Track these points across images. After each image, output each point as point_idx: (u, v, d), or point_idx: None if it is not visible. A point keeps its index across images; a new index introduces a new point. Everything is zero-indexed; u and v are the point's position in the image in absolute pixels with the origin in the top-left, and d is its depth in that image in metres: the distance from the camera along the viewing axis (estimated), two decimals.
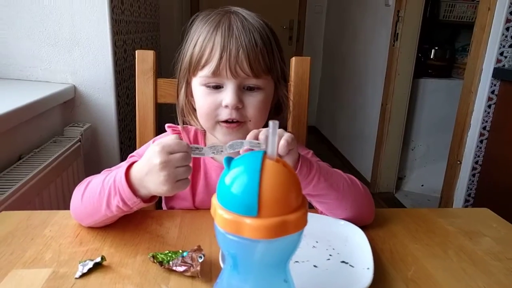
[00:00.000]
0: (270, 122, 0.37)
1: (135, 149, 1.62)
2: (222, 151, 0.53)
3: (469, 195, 1.86)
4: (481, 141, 1.77)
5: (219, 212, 0.37)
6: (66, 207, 1.06)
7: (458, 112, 1.89)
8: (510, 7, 1.61)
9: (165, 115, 0.97)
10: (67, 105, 1.35)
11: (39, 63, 1.32)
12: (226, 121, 0.65)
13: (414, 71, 2.50)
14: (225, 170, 0.39)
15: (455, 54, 2.76)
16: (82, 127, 1.29)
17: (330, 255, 0.57)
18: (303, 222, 0.37)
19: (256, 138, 0.56)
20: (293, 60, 0.93)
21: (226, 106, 0.63)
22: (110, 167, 1.10)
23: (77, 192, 0.63)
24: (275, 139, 0.37)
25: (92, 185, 0.61)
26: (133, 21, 1.67)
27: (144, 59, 0.90)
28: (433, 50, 2.70)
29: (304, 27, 3.92)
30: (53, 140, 1.20)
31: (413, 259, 0.58)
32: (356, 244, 0.59)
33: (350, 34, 3.22)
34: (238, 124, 0.65)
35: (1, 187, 0.87)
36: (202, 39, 0.64)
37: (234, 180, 0.37)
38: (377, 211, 0.69)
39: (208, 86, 0.64)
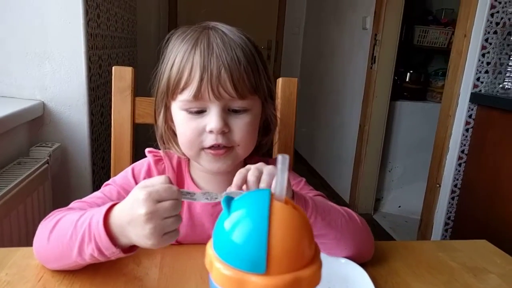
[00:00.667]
0: (279, 157, 0.31)
1: (109, 172, 1.51)
2: (216, 198, 0.47)
3: (448, 218, 1.86)
4: (460, 165, 1.79)
5: (217, 266, 0.31)
6: (29, 238, 0.95)
7: (436, 135, 1.90)
8: (485, 34, 1.66)
9: (141, 135, 0.90)
10: (35, 123, 1.24)
11: (4, 77, 1.22)
12: (212, 147, 0.59)
13: (391, 93, 2.54)
14: (224, 213, 0.33)
15: (429, 78, 2.83)
16: (51, 147, 1.19)
17: None
18: (317, 278, 0.31)
19: (244, 179, 0.49)
20: (280, 81, 0.89)
21: (211, 131, 0.57)
22: (81, 194, 1.00)
23: (43, 229, 0.54)
24: (285, 176, 0.32)
25: (62, 225, 0.52)
26: (110, 36, 1.60)
27: (122, 76, 0.83)
28: (408, 74, 2.76)
29: (282, 48, 3.95)
30: (18, 161, 1.10)
31: None
32: (358, 285, 0.54)
33: (327, 55, 3.25)
34: (225, 150, 0.59)
35: None
36: (179, 60, 0.57)
37: (236, 227, 0.31)
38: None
39: (190, 112, 0.58)
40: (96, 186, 1.43)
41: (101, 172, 1.51)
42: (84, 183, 1.35)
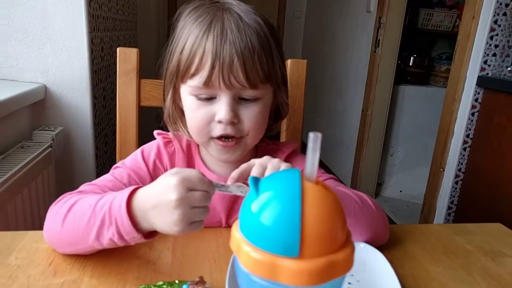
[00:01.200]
0: (311, 134, 0.30)
1: (112, 156, 1.51)
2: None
3: (451, 202, 1.86)
4: (464, 149, 1.78)
5: (245, 249, 0.29)
6: (35, 222, 0.94)
7: (441, 119, 1.89)
8: (494, 16, 1.62)
9: (145, 117, 0.88)
10: (37, 107, 1.22)
11: (4, 59, 1.18)
12: (220, 136, 0.57)
13: (394, 77, 2.51)
14: (252, 193, 0.31)
15: (432, 62, 2.80)
16: (54, 131, 1.17)
17: (349, 283, 0.51)
18: (351, 262, 0.30)
19: (245, 175, 0.49)
20: (288, 62, 0.87)
21: (220, 122, 0.56)
22: (84, 178, 0.99)
23: (56, 213, 0.52)
24: (317, 156, 0.30)
25: (78, 208, 0.50)
26: (111, 18, 1.56)
27: (127, 58, 0.81)
28: (412, 58, 2.72)
29: (283, 32, 3.89)
30: (21, 145, 1.08)
31: (439, 285, 0.52)
32: (377, 270, 0.53)
33: (330, 39, 3.21)
34: (235, 142, 0.58)
35: None
36: (191, 43, 0.55)
37: (267, 208, 0.29)
38: None
39: (199, 98, 0.56)
40: (100, 170, 1.42)
41: (104, 156, 1.50)
42: (88, 167, 1.33)
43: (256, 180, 0.31)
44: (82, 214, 0.48)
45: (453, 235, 0.66)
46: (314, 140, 0.29)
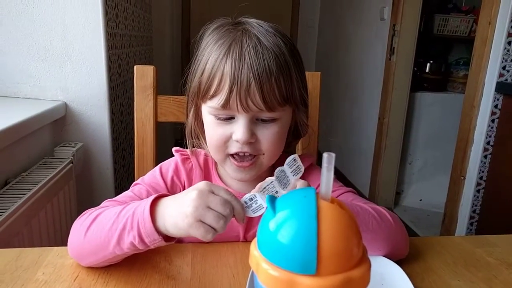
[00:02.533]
0: (325, 155, 0.30)
1: (129, 170, 1.54)
2: (277, 192, 0.48)
3: (474, 211, 1.81)
4: (485, 156, 1.74)
5: (264, 266, 0.30)
6: (57, 236, 0.97)
7: (460, 126, 1.85)
8: (511, 21, 1.60)
9: (161, 132, 0.90)
10: (58, 124, 1.26)
11: (27, 79, 1.23)
12: (237, 154, 0.59)
13: (410, 84, 2.49)
14: (269, 212, 0.32)
15: (449, 68, 2.76)
16: (74, 147, 1.21)
17: None
18: (368, 279, 0.30)
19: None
20: None
21: (237, 141, 0.57)
22: (104, 192, 1.01)
23: (80, 226, 0.54)
24: (331, 175, 0.31)
25: (103, 218, 0.52)
26: (128, 35, 1.60)
27: (144, 75, 0.84)
28: (428, 64, 2.69)
29: (297, 41, 3.91)
30: (43, 161, 1.12)
31: None
32: (396, 284, 0.52)
33: (344, 48, 3.21)
34: (250, 163, 0.59)
35: None
36: (210, 65, 0.57)
37: (284, 227, 0.30)
38: None
39: (218, 118, 0.58)
40: (118, 184, 1.45)
41: (122, 170, 1.53)
42: (107, 182, 1.36)
43: (273, 199, 0.32)
44: (106, 221, 0.51)
45: (474, 248, 0.65)
46: (328, 160, 0.30)
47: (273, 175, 0.53)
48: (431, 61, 2.70)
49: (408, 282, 0.52)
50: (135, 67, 0.82)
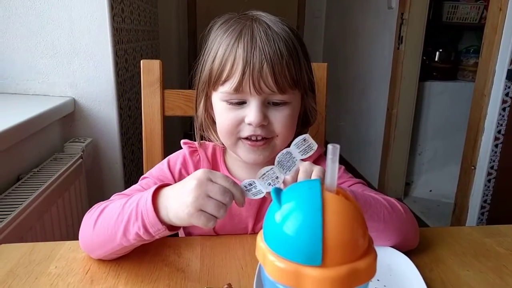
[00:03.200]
0: (329, 146, 0.30)
1: (138, 164, 1.55)
2: (277, 177, 0.47)
3: (485, 201, 1.79)
4: (496, 146, 1.72)
5: (271, 258, 0.30)
6: (69, 230, 0.99)
7: (470, 116, 1.83)
8: None
9: (168, 126, 0.91)
10: (67, 120, 1.27)
11: (36, 75, 1.25)
12: (249, 138, 0.59)
13: (419, 74, 2.46)
14: (274, 204, 0.32)
15: (459, 56, 2.71)
16: (83, 142, 1.22)
17: None
18: (373, 270, 0.30)
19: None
20: None
21: (250, 124, 0.57)
22: (113, 187, 1.02)
23: (88, 220, 0.55)
24: (336, 167, 0.31)
25: (109, 210, 0.53)
26: (134, 30, 1.60)
27: (150, 70, 0.84)
28: (437, 53, 2.65)
29: (303, 32, 3.88)
30: (53, 157, 1.13)
31: None
32: (404, 274, 0.52)
33: (351, 38, 3.17)
34: (264, 142, 0.59)
35: (1, 212, 0.80)
36: (222, 52, 0.57)
37: (289, 219, 0.30)
38: None
39: (230, 103, 0.58)
40: (128, 179, 1.46)
41: (131, 165, 1.54)
42: (116, 176, 1.38)
43: (278, 191, 0.32)
44: (112, 214, 0.52)
45: (484, 238, 0.64)
46: (333, 151, 0.30)
47: None
48: (440, 50, 2.65)
49: (416, 272, 0.52)
50: (141, 61, 0.82)
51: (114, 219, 0.51)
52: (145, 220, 0.48)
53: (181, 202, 0.45)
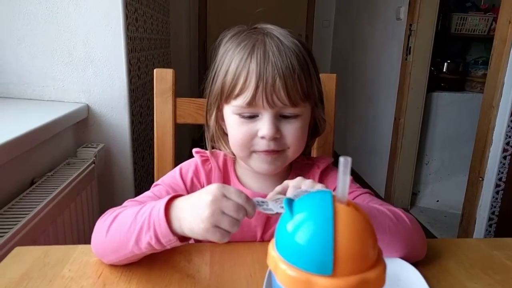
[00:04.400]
0: (341, 159, 0.32)
1: (148, 170, 1.57)
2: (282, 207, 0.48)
3: (493, 213, 1.78)
4: (505, 157, 1.71)
5: (282, 267, 0.31)
6: (80, 235, 1.01)
7: (478, 127, 1.83)
8: None
9: (179, 133, 0.92)
10: (80, 125, 1.30)
11: (52, 82, 1.28)
12: (263, 151, 0.60)
13: (427, 84, 2.46)
14: (286, 214, 0.33)
15: (468, 68, 2.72)
16: (96, 147, 1.25)
17: None
18: (383, 280, 0.31)
19: (283, 193, 0.52)
20: None
21: (263, 137, 0.59)
22: (124, 192, 1.03)
23: (102, 225, 0.57)
24: (347, 179, 0.32)
25: (122, 218, 0.54)
26: (147, 38, 1.64)
27: (163, 78, 0.86)
28: (445, 64, 2.66)
29: (312, 41, 3.91)
30: (67, 162, 1.16)
31: None
32: (411, 285, 0.53)
33: (359, 48, 3.19)
34: (277, 152, 0.61)
35: (15, 215, 0.82)
36: (235, 66, 0.59)
37: (300, 229, 0.31)
38: None
39: (242, 116, 0.60)
40: (138, 184, 1.48)
41: (141, 171, 1.56)
42: (127, 181, 1.40)
43: (291, 201, 0.33)
44: (125, 221, 0.53)
45: (492, 250, 0.65)
46: (344, 164, 0.31)
47: (291, 172, 0.53)
48: (449, 61, 2.66)
49: (424, 284, 0.52)
50: (154, 70, 0.84)
51: (127, 227, 0.52)
52: (157, 230, 0.49)
53: (195, 216, 0.45)
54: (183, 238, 0.50)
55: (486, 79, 1.79)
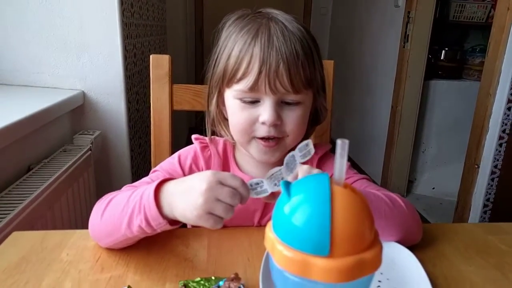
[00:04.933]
0: (338, 141, 0.32)
1: (145, 157, 1.57)
2: (282, 178, 0.48)
3: (487, 200, 1.80)
4: (500, 145, 1.72)
5: (279, 248, 0.32)
6: (77, 220, 1.01)
7: (475, 114, 1.83)
8: None
9: (175, 119, 0.92)
10: (76, 112, 1.29)
11: (47, 68, 1.26)
12: (263, 138, 0.60)
13: (424, 72, 2.45)
14: (283, 196, 0.34)
15: (465, 55, 2.71)
16: (92, 134, 1.24)
17: (379, 281, 0.52)
18: (379, 261, 0.31)
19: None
20: None
21: (264, 123, 0.58)
22: (121, 178, 1.04)
23: (97, 209, 0.57)
24: (344, 161, 0.32)
25: (116, 201, 0.55)
26: (142, 24, 1.62)
27: (159, 64, 0.85)
28: (443, 51, 2.65)
29: (309, 29, 3.87)
30: (63, 149, 1.15)
31: (471, 285, 0.53)
32: (407, 269, 0.54)
33: (357, 36, 3.17)
34: (276, 142, 0.60)
35: (13, 201, 0.82)
36: (238, 50, 0.58)
37: (298, 211, 0.31)
38: None
39: (244, 101, 0.59)
40: (135, 171, 1.48)
41: (138, 158, 1.56)
42: (124, 168, 1.40)
43: (288, 184, 0.33)
44: (118, 205, 0.53)
45: (487, 234, 0.65)
46: (341, 146, 0.31)
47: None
48: (446, 48, 2.65)
49: (419, 267, 0.53)
50: (150, 56, 0.83)
51: (120, 211, 0.52)
52: (147, 213, 0.49)
53: (189, 203, 0.45)
54: (174, 222, 0.50)
55: (484, 67, 1.78)
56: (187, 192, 0.46)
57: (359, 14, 3.12)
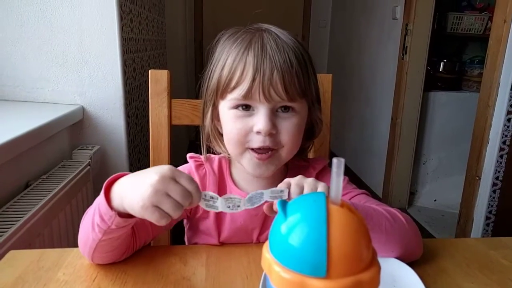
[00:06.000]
0: (334, 160, 0.31)
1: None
2: (239, 206, 0.47)
3: (490, 212, 1.79)
4: (501, 156, 1.71)
5: (276, 269, 0.31)
6: (76, 237, 1.01)
7: (475, 126, 1.83)
8: None
9: (175, 134, 0.92)
10: (75, 127, 1.29)
11: (46, 84, 1.27)
12: (257, 149, 0.59)
13: (423, 84, 2.46)
14: (280, 216, 0.33)
15: (464, 67, 2.72)
16: (91, 149, 1.24)
17: None
18: (377, 282, 0.31)
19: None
20: None
21: (258, 132, 0.57)
22: None
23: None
24: (340, 180, 0.32)
25: (89, 209, 0.55)
26: (142, 39, 1.63)
27: (158, 79, 0.85)
28: (442, 63, 2.66)
29: (308, 41, 3.91)
30: (62, 164, 1.15)
31: None
32: (407, 285, 0.53)
33: (356, 48, 3.19)
34: (269, 155, 0.59)
35: (10, 219, 0.81)
36: (232, 60, 0.58)
37: (294, 231, 0.31)
38: None
39: (238, 109, 0.59)
40: None
41: None
42: None
43: (284, 203, 0.33)
44: (89, 211, 0.54)
45: (488, 250, 0.65)
46: (337, 165, 0.31)
47: (286, 176, 0.53)
48: (445, 60, 2.67)
49: (420, 284, 0.52)
50: (149, 71, 0.84)
51: (88, 215, 0.53)
52: (101, 209, 0.49)
53: (137, 193, 0.44)
54: (127, 216, 0.49)
55: (482, 78, 1.79)
56: (138, 183, 0.45)
57: (357, 26, 3.15)
